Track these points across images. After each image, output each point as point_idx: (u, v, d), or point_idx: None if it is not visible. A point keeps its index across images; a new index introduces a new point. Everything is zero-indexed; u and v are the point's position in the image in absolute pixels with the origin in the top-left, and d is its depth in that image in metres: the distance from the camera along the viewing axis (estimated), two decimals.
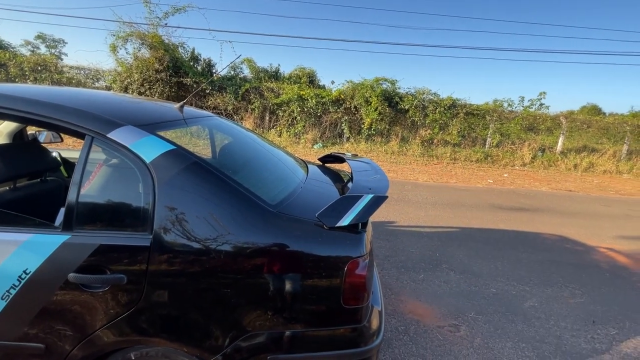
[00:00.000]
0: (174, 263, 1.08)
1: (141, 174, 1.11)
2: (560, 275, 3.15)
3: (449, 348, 2.04)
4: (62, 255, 1.06)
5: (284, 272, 1.15)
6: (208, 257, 1.09)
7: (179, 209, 1.09)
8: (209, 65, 11.84)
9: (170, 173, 1.11)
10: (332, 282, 1.16)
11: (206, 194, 1.13)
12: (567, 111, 13.08)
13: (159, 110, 1.54)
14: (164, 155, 1.13)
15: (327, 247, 1.18)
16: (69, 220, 1.08)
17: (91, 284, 1.06)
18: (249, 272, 1.12)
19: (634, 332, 2.39)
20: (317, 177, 1.82)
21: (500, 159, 10.91)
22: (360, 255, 1.17)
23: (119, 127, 1.14)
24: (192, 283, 1.10)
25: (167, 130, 1.35)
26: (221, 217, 1.11)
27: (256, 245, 1.12)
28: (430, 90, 11.06)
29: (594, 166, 11.16)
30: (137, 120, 1.23)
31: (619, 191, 8.39)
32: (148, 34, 10.34)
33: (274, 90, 11.09)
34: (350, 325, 1.21)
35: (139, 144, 1.13)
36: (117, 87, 10.41)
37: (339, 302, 1.16)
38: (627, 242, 4.30)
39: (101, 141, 1.13)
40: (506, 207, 5.70)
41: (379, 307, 1.43)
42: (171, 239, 1.08)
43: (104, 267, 1.06)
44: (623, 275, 3.32)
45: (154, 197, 1.08)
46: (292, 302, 1.16)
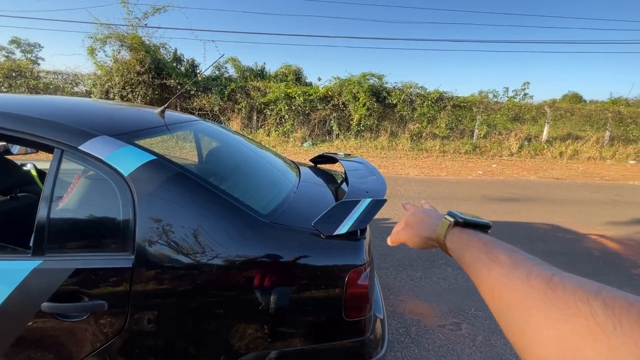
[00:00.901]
0: (159, 284, 0.99)
1: (119, 188, 1.01)
2: (555, 265, 3.12)
3: (451, 348, 2.00)
4: (33, 283, 0.95)
5: (281, 287, 1.07)
6: (197, 276, 1.01)
7: (162, 225, 1.00)
8: (193, 65, 11.57)
9: (151, 186, 1.02)
10: (332, 294, 1.09)
11: (192, 207, 1.04)
12: (550, 100, 13.29)
13: (137, 116, 1.43)
14: (144, 167, 1.04)
15: (325, 258, 1.10)
16: (39, 244, 0.98)
17: (68, 313, 0.96)
18: (242, 288, 1.04)
19: None
20: (310, 181, 1.74)
21: (488, 150, 11.03)
22: (361, 264, 1.10)
23: (92, 137, 1.04)
24: (181, 304, 1.01)
25: (147, 139, 1.25)
26: (209, 231, 1.02)
27: (249, 259, 1.04)
28: (417, 84, 11.09)
29: (579, 153, 11.40)
30: (112, 129, 1.13)
31: (603, 177, 8.57)
32: (127, 35, 10.03)
33: (261, 89, 10.92)
34: (353, 339, 1.14)
35: (115, 156, 1.03)
36: (98, 92, 10.08)
37: (341, 315, 1.09)
38: (617, 228, 4.36)
39: (72, 154, 1.03)
40: (497, 198, 5.73)
41: (380, 314, 1.37)
42: (155, 258, 0.98)
43: (82, 293, 0.97)
44: (616, 261, 3.36)
45: (134, 214, 0.99)
46: (290, 317, 1.09)
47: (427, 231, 0.55)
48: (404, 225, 0.62)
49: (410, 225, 0.60)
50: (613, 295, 0.27)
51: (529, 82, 11.96)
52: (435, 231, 0.53)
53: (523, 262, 0.37)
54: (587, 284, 0.30)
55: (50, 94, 10.79)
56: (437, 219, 0.55)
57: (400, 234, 0.61)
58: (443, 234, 0.51)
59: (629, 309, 0.25)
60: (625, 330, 0.25)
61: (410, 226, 0.60)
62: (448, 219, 0.51)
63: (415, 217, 0.60)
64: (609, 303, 0.27)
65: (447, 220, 0.51)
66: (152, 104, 10.45)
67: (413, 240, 0.59)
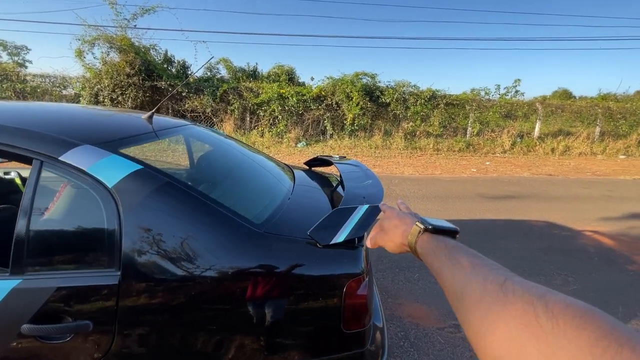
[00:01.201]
0: (147, 301, 0.93)
1: (103, 201, 0.96)
2: (551, 263, 3.16)
3: (451, 351, 1.98)
4: (12, 305, 0.89)
5: (276, 299, 1.03)
6: (188, 291, 0.96)
7: (150, 239, 0.95)
8: (184, 67, 11.43)
9: (137, 198, 0.97)
10: (330, 305, 1.05)
11: (181, 219, 0.99)
12: (541, 97, 13.46)
13: (123, 123, 1.38)
14: (130, 177, 0.98)
15: (322, 268, 1.07)
16: (18, 261, 0.92)
17: (50, 335, 0.90)
18: (236, 302, 1.00)
19: (628, 317, 2.40)
20: (305, 186, 1.70)
21: (481, 147, 11.08)
22: (360, 273, 1.06)
23: (73, 147, 0.98)
24: (171, 321, 0.96)
25: (133, 146, 1.19)
26: (201, 244, 0.98)
27: (242, 271, 1.00)
28: (410, 82, 11.08)
29: (570, 149, 11.51)
30: (96, 137, 1.07)
31: (595, 172, 8.67)
32: (116, 37, 9.86)
33: (253, 90, 10.82)
34: (353, 351, 1.10)
35: (98, 166, 0.97)
36: (87, 95, 9.89)
37: (339, 327, 1.05)
38: (610, 224, 4.39)
39: (52, 165, 0.97)
40: (492, 195, 5.75)
41: (380, 323, 1.34)
42: (143, 274, 0.93)
43: (65, 313, 0.91)
44: (610, 258, 3.37)
45: (120, 228, 0.93)
46: (287, 331, 1.04)
47: (399, 237, 0.58)
48: (379, 229, 0.65)
49: (385, 231, 0.63)
50: (554, 298, 0.30)
51: (520, 79, 12.05)
52: (407, 237, 0.56)
53: (482, 267, 0.40)
54: (534, 288, 0.32)
55: (38, 97, 10.58)
56: (409, 225, 0.57)
57: (377, 238, 0.64)
58: (414, 240, 0.54)
59: (566, 310, 0.28)
60: (561, 330, 0.27)
61: (385, 231, 0.63)
62: (418, 226, 0.54)
63: (390, 223, 0.62)
64: (550, 305, 0.29)
65: (418, 227, 0.54)
66: (143, 107, 10.30)
67: (388, 245, 0.62)
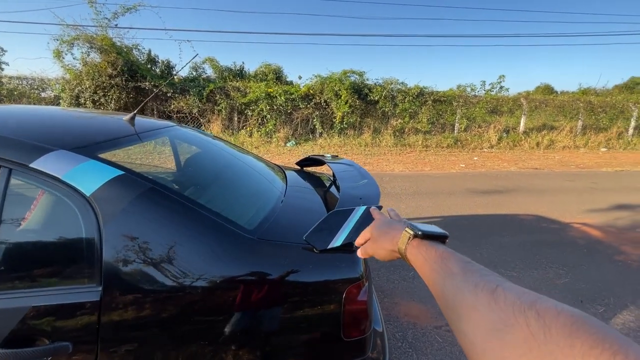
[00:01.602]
0: (133, 317, 0.86)
1: (80, 210, 0.88)
2: (543, 257, 3.19)
3: (449, 350, 1.96)
4: None
5: (272, 308, 0.97)
6: (176, 303, 0.89)
7: (133, 250, 0.87)
8: (169, 67, 11.18)
9: (119, 206, 0.89)
10: (329, 312, 1.00)
11: (168, 228, 0.92)
12: (525, 92, 13.67)
13: (102, 125, 1.29)
14: (110, 184, 0.91)
15: (319, 274, 1.01)
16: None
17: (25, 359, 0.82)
18: (229, 312, 0.94)
19: (619, 307, 2.44)
20: (298, 187, 1.64)
21: (469, 143, 11.21)
22: (359, 278, 1.02)
23: (46, 153, 0.90)
24: (159, 336, 0.89)
25: (114, 150, 1.12)
26: (190, 254, 0.91)
27: (235, 280, 0.94)
28: (398, 80, 11.12)
29: (554, 143, 11.77)
30: (71, 141, 0.99)
31: (578, 165, 8.88)
32: (97, 37, 9.56)
33: (241, 90, 10.67)
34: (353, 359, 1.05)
35: (74, 173, 0.89)
36: (67, 97, 9.55)
37: (339, 335, 1.00)
38: (597, 215, 4.48)
39: (22, 173, 0.88)
40: (481, 190, 5.80)
41: (380, 328, 1.29)
42: (127, 287, 0.86)
43: (41, 335, 0.83)
44: (599, 249, 3.43)
45: (100, 239, 0.86)
46: (285, 340, 0.99)
47: (389, 244, 0.57)
48: (369, 237, 0.64)
49: (374, 239, 0.62)
50: (545, 306, 0.30)
51: (504, 75, 12.22)
52: (397, 244, 0.55)
53: (472, 274, 0.40)
54: (525, 295, 0.32)
55: (15, 100, 10.18)
56: (398, 231, 0.56)
57: (367, 247, 0.64)
58: (404, 247, 0.53)
59: (557, 317, 0.28)
60: (553, 338, 0.27)
61: (374, 240, 0.62)
62: (408, 232, 0.53)
63: (379, 230, 0.62)
64: (541, 313, 0.29)
65: (407, 233, 0.53)
66: (127, 108, 10.03)
67: (379, 253, 0.61)
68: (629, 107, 12.72)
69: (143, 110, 10.31)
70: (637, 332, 2.17)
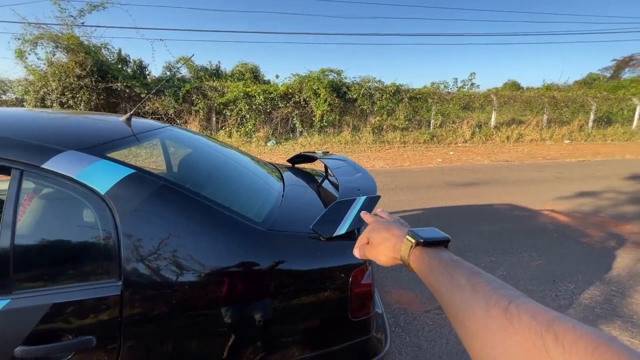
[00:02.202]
0: (155, 308, 0.90)
1: (95, 208, 0.90)
2: (518, 242, 3.42)
3: (439, 331, 2.09)
4: (1, 326, 0.82)
5: (286, 294, 1.03)
6: (197, 293, 0.93)
7: (152, 244, 0.91)
8: (141, 67, 10.82)
9: (134, 203, 0.92)
10: (337, 296, 1.08)
11: (183, 222, 0.96)
12: (494, 88, 14.39)
13: (103, 126, 1.29)
14: (123, 183, 0.93)
15: (327, 260, 1.09)
16: (3, 280, 0.84)
17: (48, 355, 0.84)
18: (247, 300, 0.99)
19: (586, 284, 2.67)
20: (294, 183, 1.70)
21: (444, 138, 11.63)
22: (363, 263, 1.10)
23: (57, 154, 0.92)
24: (181, 327, 0.93)
25: (117, 151, 1.13)
26: (207, 246, 0.95)
27: (251, 270, 0.99)
28: (375, 78, 11.35)
29: (523, 136, 12.43)
30: (79, 142, 1.00)
31: (545, 157, 9.44)
32: (62, 36, 9.10)
33: (218, 89, 10.51)
34: (360, 338, 1.13)
35: (87, 173, 0.91)
36: (32, 99, 9.04)
37: (347, 316, 1.08)
38: (564, 202, 4.83)
39: (35, 174, 0.89)
40: (458, 183, 6.07)
41: (379, 310, 1.38)
42: (148, 280, 0.90)
43: (64, 331, 0.85)
44: (567, 233, 3.71)
45: (117, 235, 0.89)
46: (298, 324, 1.06)
47: (390, 251, 0.56)
48: (367, 242, 0.62)
49: (373, 245, 0.60)
50: (564, 328, 0.28)
51: (475, 73, 12.81)
52: (399, 251, 0.53)
53: (482, 287, 0.37)
54: (541, 314, 0.30)
55: None
56: (399, 237, 0.55)
57: (367, 252, 0.61)
58: (407, 255, 0.52)
59: (577, 342, 0.26)
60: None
61: (373, 245, 0.59)
62: (409, 240, 0.52)
63: (378, 236, 0.59)
64: (560, 337, 0.27)
65: (409, 242, 0.52)
66: (98, 110, 9.63)
67: (379, 259, 0.58)
68: (588, 102, 13.64)
69: (116, 113, 9.94)
70: (602, 305, 2.40)
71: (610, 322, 2.21)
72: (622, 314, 2.30)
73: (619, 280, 2.73)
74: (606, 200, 4.98)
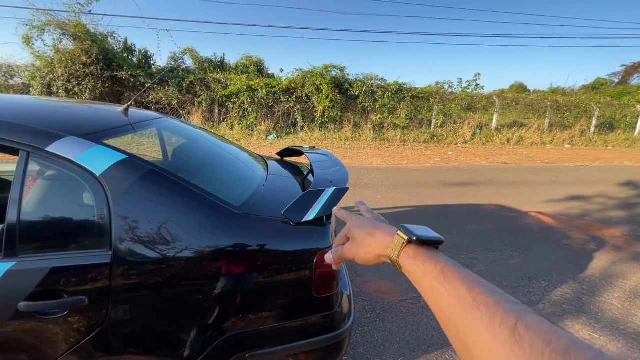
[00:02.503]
0: (139, 276, 1.04)
1: (91, 187, 1.04)
2: (500, 241, 3.55)
3: (412, 319, 2.23)
4: (7, 285, 0.96)
5: (256, 272, 1.17)
6: (176, 266, 1.07)
7: (139, 221, 1.05)
8: (146, 56, 10.96)
9: (125, 184, 1.06)
10: (303, 274, 1.21)
11: (166, 203, 1.09)
12: (499, 90, 14.39)
13: (102, 115, 1.43)
14: (116, 166, 1.07)
15: (295, 243, 1.22)
16: (11, 245, 0.98)
17: (47, 310, 0.98)
18: (219, 276, 1.12)
19: (560, 282, 2.80)
20: (278, 173, 1.83)
21: (445, 138, 11.71)
22: (328, 246, 1.23)
23: (59, 139, 1.05)
24: (161, 294, 1.07)
25: (114, 138, 1.27)
26: (185, 225, 1.09)
27: (224, 249, 1.13)
28: (378, 75, 11.40)
29: (523, 139, 12.47)
30: (79, 129, 1.14)
31: (544, 160, 9.51)
32: (70, 23, 9.23)
33: (222, 82, 10.61)
34: (323, 313, 1.27)
35: (85, 156, 1.05)
36: (38, 85, 9.20)
37: (311, 293, 1.22)
38: (552, 205, 4.94)
39: (39, 156, 1.03)
40: (453, 183, 6.19)
41: (347, 291, 1.52)
42: (134, 252, 1.03)
43: (61, 290, 0.99)
44: (549, 234, 3.83)
45: (109, 211, 1.03)
46: (266, 299, 1.19)
47: (377, 248, 0.50)
48: (346, 239, 0.56)
49: (356, 240, 0.53)
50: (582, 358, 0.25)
51: (480, 73, 12.81)
52: (387, 247, 0.48)
53: (484, 300, 0.34)
54: (555, 340, 0.27)
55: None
56: (388, 233, 0.50)
57: (346, 250, 0.55)
58: (396, 253, 0.46)
59: None
60: None
61: (356, 241, 0.53)
62: (401, 237, 0.46)
63: (362, 231, 0.53)
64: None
65: (400, 238, 0.46)
66: (103, 98, 9.79)
67: (361, 257, 0.52)
68: (591, 107, 13.62)
69: (120, 101, 10.09)
70: (571, 302, 2.53)
71: (575, 318, 2.34)
72: (589, 311, 2.43)
73: (591, 280, 2.85)
74: (595, 205, 5.08)
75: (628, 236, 3.88)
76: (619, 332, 2.21)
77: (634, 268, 3.11)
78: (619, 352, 2.04)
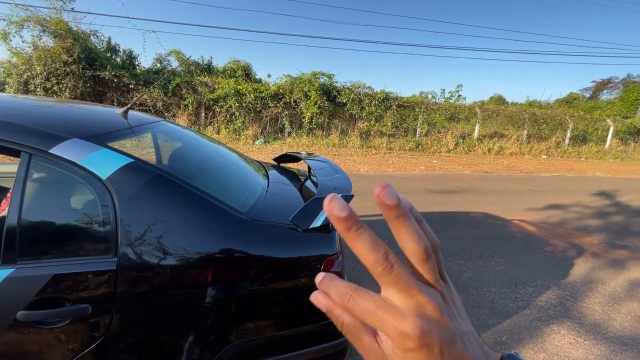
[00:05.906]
0: (146, 283, 1.01)
1: (97, 191, 1.01)
2: (487, 248, 3.65)
3: None
4: (5, 292, 0.91)
5: (265, 277, 1.16)
6: (184, 273, 1.05)
7: (147, 227, 1.02)
8: (131, 57, 10.71)
9: (131, 189, 1.03)
10: (310, 281, 1.21)
11: (175, 209, 1.07)
12: (480, 102, 14.90)
13: (103, 117, 1.39)
14: (123, 170, 1.04)
15: (303, 249, 1.22)
16: (10, 252, 0.94)
17: (48, 319, 0.94)
18: (226, 282, 1.11)
19: (544, 288, 2.90)
20: (279, 180, 1.83)
21: (429, 147, 11.98)
22: (334, 253, 1.24)
23: (62, 141, 1.02)
24: (169, 302, 1.05)
25: (116, 141, 1.23)
26: (194, 231, 1.07)
27: (233, 254, 1.11)
28: (365, 83, 11.58)
29: (503, 149, 12.93)
30: (82, 131, 1.10)
31: (523, 170, 9.88)
32: (51, 20, 8.92)
33: (209, 85, 10.50)
34: (326, 321, 1.27)
35: (90, 159, 1.02)
36: (14, 82, 8.80)
37: None
38: (534, 213, 5.12)
39: (42, 158, 0.99)
40: (438, 190, 6.32)
41: None
42: (141, 258, 1.00)
43: (63, 298, 0.95)
44: (532, 241, 3.97)
45: (116, 216, 1.00)
46: (274, 305, 1.18)
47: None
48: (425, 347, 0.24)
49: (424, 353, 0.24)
50: None
51: (462, 85, 13.29)
52: None
53: None
54: None
55: None
56: None
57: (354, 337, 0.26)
58: None
59: None
60: None
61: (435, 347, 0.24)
62: None
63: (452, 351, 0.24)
64: None
65: None
66: (84, 98, 9.47)
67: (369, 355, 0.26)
68: (565, 120, 14.31)
69: (102, 101, 9.79)
70: (556, 307, 2.62)
71: (561, 323, 2.43)
72: (572, 316, 2.52)
73: (573, 286, 2.97)
74: (572, 214, 5.32)
75: (604, 244, 4.08)
76: (601, 336, 2.31)
77: (611, 274, 3.26)
78: (602, 355, 2.13)
